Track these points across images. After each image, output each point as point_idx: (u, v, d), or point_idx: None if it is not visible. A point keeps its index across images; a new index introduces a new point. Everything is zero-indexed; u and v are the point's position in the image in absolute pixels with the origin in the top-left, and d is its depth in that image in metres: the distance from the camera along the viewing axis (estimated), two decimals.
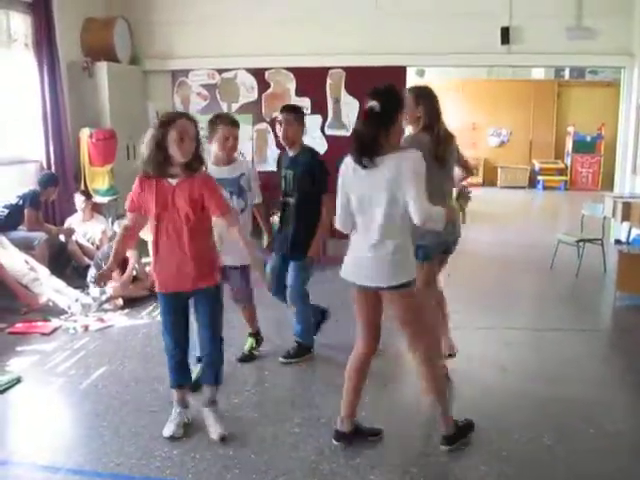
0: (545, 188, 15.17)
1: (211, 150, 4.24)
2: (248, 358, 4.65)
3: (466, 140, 12.92)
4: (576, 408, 3.92)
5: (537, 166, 15.37)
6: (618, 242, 7.80)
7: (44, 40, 7.21)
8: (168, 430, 3.53)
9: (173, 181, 3.31)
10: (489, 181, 15.46)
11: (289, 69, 8.68)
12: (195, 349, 3.71)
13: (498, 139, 16.04)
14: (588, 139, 14.95)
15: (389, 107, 3.09)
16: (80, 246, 6.94)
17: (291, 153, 4.49)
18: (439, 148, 3.87)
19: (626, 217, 7.00)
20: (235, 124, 4.26)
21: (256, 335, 4.74)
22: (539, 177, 15.30)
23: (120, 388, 4.20)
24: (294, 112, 4.48)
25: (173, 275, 3.40)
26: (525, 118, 15.71)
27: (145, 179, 3.34)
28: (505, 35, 8.05)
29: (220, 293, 3.56)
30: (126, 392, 4.14)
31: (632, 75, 8.20)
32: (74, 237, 6.93)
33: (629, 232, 7.47)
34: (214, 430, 3.51)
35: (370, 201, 3.13)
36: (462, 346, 4.51)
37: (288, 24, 8.38)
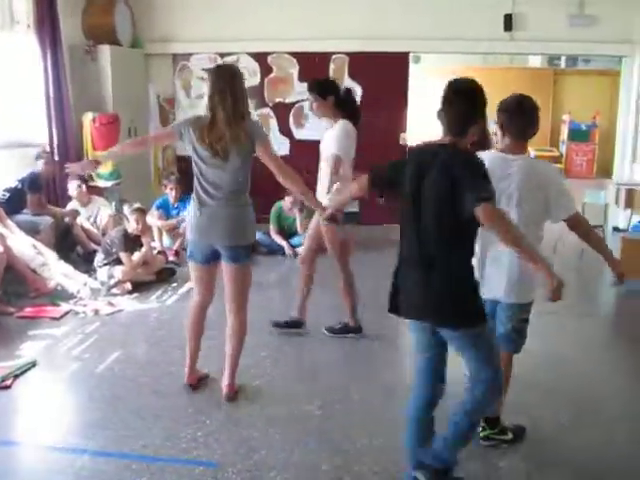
0: None
1: None
2: None
3: None
4: (575, 393, 4.04)
5: (532, 154, 15.37)
6: (616, 229, 7.83)
7: (46, 22, 7.10)
8: None
9: None
10: None
11: (292, 54, 8.65)
12: None
13: (492, 127, 15.97)
14: (583, 127, 14.96)
15: None
16: (85, 230, 6.91)
17: None
18: None
19: (628, 204, 7.07)
20: None
21: None
22: None
23: (136, 371, 4.23)
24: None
25: None
26: None
27: None
28: (508, 22, 8.05)
29: None
30: (143, 375, 4.17)
31: (633, 64, 8.20)
32: (78, 221, 6.90)
33: (630, 219, 7.52)
34: None
35: None
36: None
37: (291, 8, 8.33)
